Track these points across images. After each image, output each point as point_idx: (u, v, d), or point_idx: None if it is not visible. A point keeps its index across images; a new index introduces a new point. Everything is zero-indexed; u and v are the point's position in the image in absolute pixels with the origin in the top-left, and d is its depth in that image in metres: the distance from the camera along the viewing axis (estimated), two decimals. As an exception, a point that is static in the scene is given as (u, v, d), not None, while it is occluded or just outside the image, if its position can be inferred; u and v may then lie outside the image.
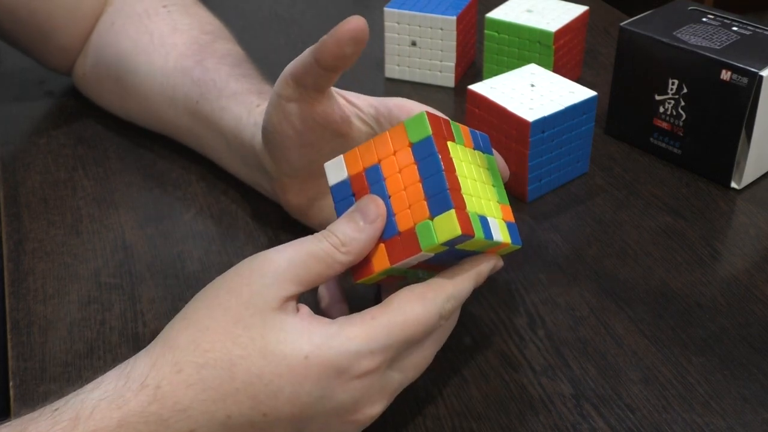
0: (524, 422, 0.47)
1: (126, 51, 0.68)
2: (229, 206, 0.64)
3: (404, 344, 0.41)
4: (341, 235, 0.42)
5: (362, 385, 0.40)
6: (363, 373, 0.40)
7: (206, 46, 0.66)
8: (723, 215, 0.63)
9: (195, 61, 0.64)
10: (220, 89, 0.61)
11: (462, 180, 0.42)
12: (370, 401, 0.41)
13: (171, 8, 0.69)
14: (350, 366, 0.40)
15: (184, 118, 0.65)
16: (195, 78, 0.63)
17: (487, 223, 0.43)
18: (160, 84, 0.66)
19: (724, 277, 0.57)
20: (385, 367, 0.41)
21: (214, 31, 0.69)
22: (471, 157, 0.45)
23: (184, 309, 0.41)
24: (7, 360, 0.51)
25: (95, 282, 0.57)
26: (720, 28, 0.66)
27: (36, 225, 0.62)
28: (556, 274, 0.57)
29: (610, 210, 0.63)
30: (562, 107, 0.61)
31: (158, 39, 0.67)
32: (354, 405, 0.41)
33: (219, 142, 0.62)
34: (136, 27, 0.68)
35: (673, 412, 0.47)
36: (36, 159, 0.70)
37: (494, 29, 0.75)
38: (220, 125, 0.61)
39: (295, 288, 0.41)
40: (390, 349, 0.41)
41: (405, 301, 0.42)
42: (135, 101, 0.69)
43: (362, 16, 0.46)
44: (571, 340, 0.52)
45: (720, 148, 0.64)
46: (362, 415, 0.41)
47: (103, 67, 0.71)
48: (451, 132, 0.44)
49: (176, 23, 0.68)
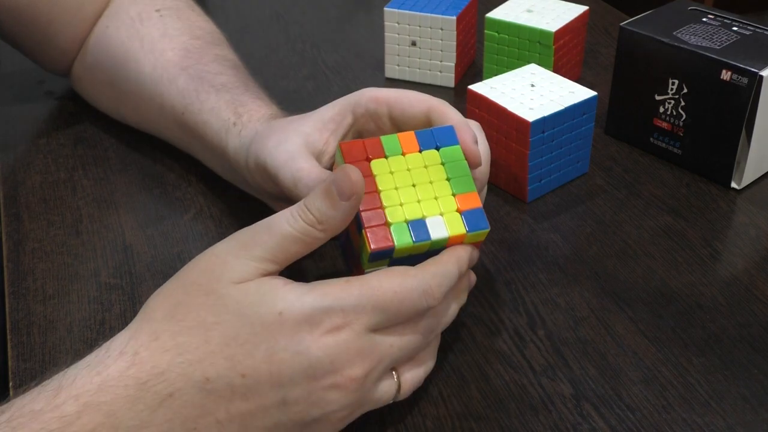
0: (524, 422, 0.47)
1: (118, 56, 0.68)
2: (229, 206, 0.64)
3: (382, 311, 0.41)
4: (317, 213, 0.42)
5: (336, 342, 0.40)
6: (335, 327, 0.40)
7: (194, 52, 0.66)
8: (723, 215, 0.63)
9: (181, 69, 0.64)
10: (202, 102, 0.61)
11: (386, 194, 0.45)
12: (348, 362, 0.41)
13: (164, 12, 0.69)
14: (322, 320, 0.40)
15: (173, 127, 0.65)
16: (180, 88, 0.63)
17: (421, 226, 0.45)
18: (149, 91, 0.66)
19: (724, 277, 0.57)
20: (361, 329, 0.41)
21: (204, 36, 0.69)
22: (412, 162, 0.47)
23: (161, 287, 0.43)
24: (7, 360, 0.51)
25: (95, 282, 0.57)
26: (720, 28, 0.66)
27: (36, 225, 0.62)
28: (556, 274, 0.57)
29: (610, 210, 0.63)
30: (562, 107, 0.61)
31: (148, 45, 0.67)
32: (331, 364, 0.40)
33: (207, 153, 0.63)
34: (129, 32, 0.68)
35: (673, 412, 0.47)
36: (36, 159, 0.70)
37: (494, 29, 0.75)
38: (204, 139, 0.61)
39: (273, 267, 0.42)
40: (364, 309, 0.41)
41: (384, 273, 0.42)
42: (129, 106, 0.70)
43: (362, 18, 0.46)
44: (571, 340, 0.52)
45: (720, 148, 0.64)
46: (342, 376, 0.40)
47: (98, 71, 0.71)
48: (380, 149, 0.47)
49: (167, 28, 0.68)
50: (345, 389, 0.41)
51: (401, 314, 0.42)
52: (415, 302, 0.42)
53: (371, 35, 0.87)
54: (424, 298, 0.42)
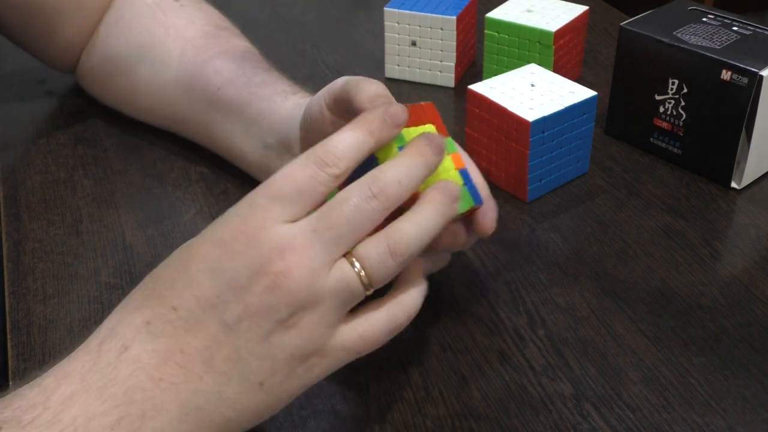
0: (524, 422, 0.47)
1: (139, 43, 0.69)
2: (229, 206, 0.64)
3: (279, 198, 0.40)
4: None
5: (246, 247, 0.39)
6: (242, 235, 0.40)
7: (224, 40, 0.68)
8: (723, 215, 0.63)
9: (215, 53, 0.66)
10: (249, 77, 0.62)
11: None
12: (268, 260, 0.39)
13: (183, 2, 0.71)
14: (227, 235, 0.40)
15: (199, 107, 0.65)
16: (217, 68, 0.64)
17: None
18: (176, 74, 0.67)
19: (724, 277, 0.57)
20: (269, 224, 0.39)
21: (229, 27, 0.71)
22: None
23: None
24: (7, 360, 0.52)
25: (95, 282, 0.57)
26: (720, 28, 0.66)
27: (36, 225, 0.62)
28: (556, 274, 0.57)
29: (610, 210, 0.63)
30: (562, 107, 0.61)
31: (174, 32, 0.68)
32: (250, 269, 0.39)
33: (236, 127, 0.63)
34: (149, 20, 0.69)
35: (673, 412, 0.47)
36: (36, 159, 0.70)
37: (494, 29, 0.75)
38: (244, 110, 0.61)
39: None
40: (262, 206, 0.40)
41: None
42: (145, 94, 0.70)
43: (362, 18, 0.46)
44: (571, 340, 0.52)
45: (720, 148, 0.64)
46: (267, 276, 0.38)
47: (112, 60, 0.71)
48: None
49: (191, 17, 0.69)
50: (279, 288, 0.38)
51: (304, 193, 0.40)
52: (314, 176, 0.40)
53: (371, 35, 0.87)
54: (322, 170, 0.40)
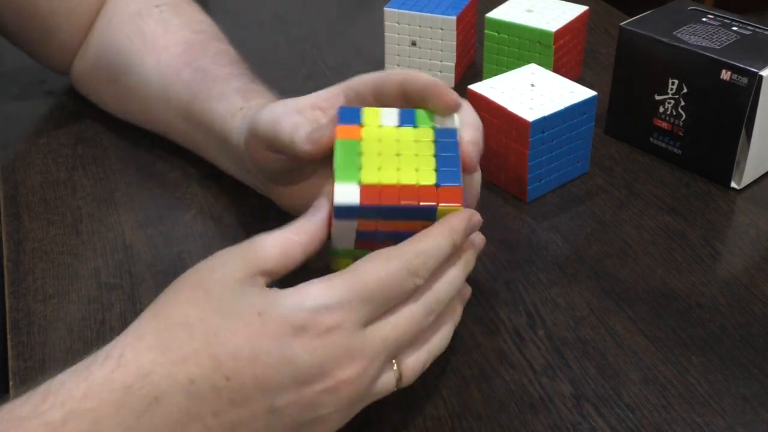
0: (524, 422, 0.47)
1: (122, 50, 0.68)
2: (229, 206, 0.64)
3: (369, 302, 0.40)
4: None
5: (323, 344, 0.39)
6: (323, 330, 0.38)
7: (197, 45, 0.66)
8: (723, 215, 0.63)
9: (185, 62, 0.65)
10: (209, 89, 0.61)
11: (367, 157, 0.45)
12: (338, 364, 0.39)
13: (163, 8, 0.70)
14: (306, 323, 0.38)
15: (177, 120, 0.65)
16: (185, 79, 0.63)
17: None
18: (155, 85, 0.66)
19: (724, 277, 0.57)
20: (350, 326, 0.39)
21: (205, 30, 0.69)
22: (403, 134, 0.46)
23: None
24: (7, 360, 0.51)
25: (95, 282, 0.57)
26: (720, 28, 0.66)
27: (36, 225, 0.62)
28: (556, 273, 0.57)
29: (610, 210, 0.63)
30: (562, 107, 0.61)
31: (150, 40, 0.67)
32: (320, 368, 0.39)
33: (210, 143, 0.63)
34: (130, 28, 0.69)
35: (673, 411, 0.47)
36: (36, 159, 0.70)
37: (494, 29, 0.75)
38: (210, 127, 0.61)
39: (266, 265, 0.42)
40: (350, 305, 0.39)
41: (367, 260, 0.41)
42: (132, 101, 0.70)
43: (362, 18, 0.46)
44: (571, 340, 0.52)
45: (720, 148, 0.64)
46: (333, 379, 0.39)
47: (102, 66, 0.71)
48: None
49: (167, 23, 0.68)
50: (338, 392, 0.39)
51: (390, 300, 0.41)
52: (403, 284, 0.41)
53: (371, 35, 0.87)
54: (411, 279, 0.41)
